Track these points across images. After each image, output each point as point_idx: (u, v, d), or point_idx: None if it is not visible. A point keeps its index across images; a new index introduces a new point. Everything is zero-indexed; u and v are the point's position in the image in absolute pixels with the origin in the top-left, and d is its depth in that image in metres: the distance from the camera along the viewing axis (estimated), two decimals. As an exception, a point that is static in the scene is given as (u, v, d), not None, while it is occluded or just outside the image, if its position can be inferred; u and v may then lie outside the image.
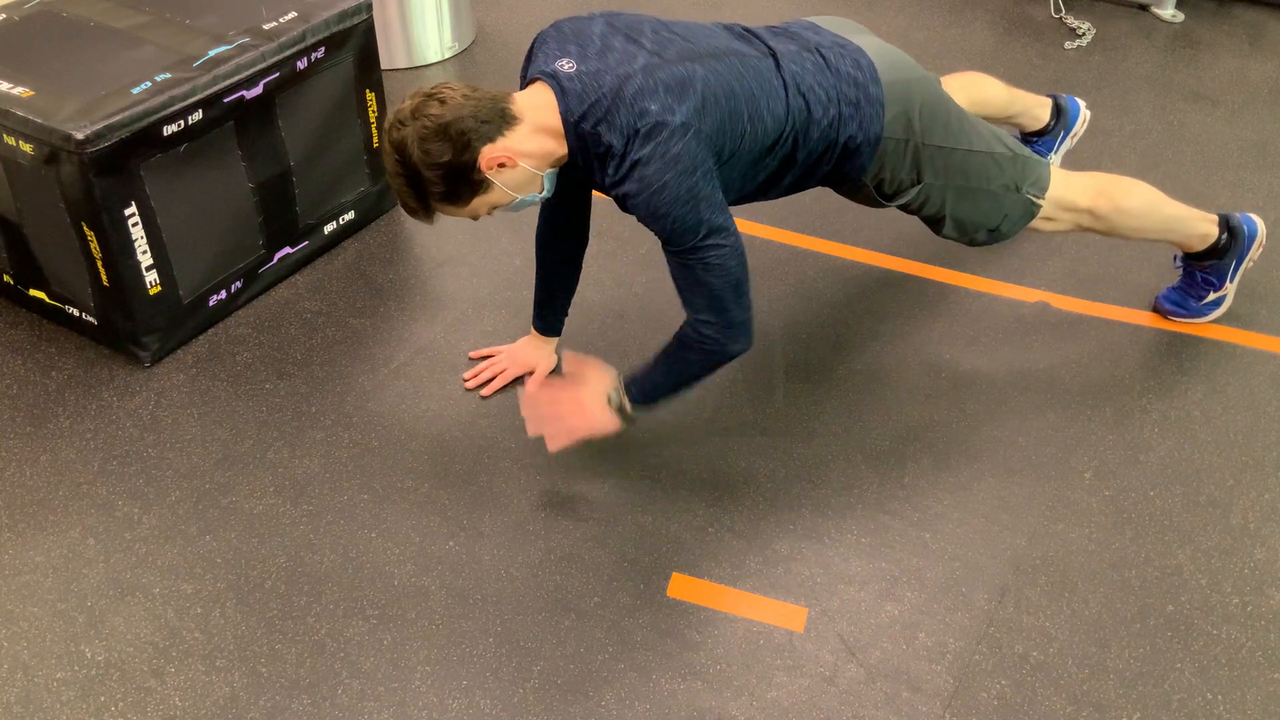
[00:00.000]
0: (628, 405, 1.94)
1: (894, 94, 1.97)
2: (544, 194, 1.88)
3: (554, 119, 1.79)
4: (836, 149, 1.97)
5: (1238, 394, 2.29)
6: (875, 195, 2.08)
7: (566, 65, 1.80)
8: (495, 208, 1.85)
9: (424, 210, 1.82)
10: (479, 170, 1.76)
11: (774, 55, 1.91)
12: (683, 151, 1.73)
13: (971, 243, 2.20)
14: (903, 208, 2.12)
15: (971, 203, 2.11)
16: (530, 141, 1.79)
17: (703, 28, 1.94)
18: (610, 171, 1.78)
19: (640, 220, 1.79)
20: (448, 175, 1.75)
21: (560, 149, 1.82)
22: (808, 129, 1.92)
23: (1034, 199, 2.13)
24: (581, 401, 1.94)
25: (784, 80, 1.88)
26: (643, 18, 1.91)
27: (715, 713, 1.73)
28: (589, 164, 1.83)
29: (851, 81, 1.94)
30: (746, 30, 1.98)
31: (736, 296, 1.83)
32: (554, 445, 1.96)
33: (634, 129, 1.73)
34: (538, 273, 2.21)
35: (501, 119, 1.77)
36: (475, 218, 1.86)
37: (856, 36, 2.04)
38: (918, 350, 2.40)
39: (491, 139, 1.75)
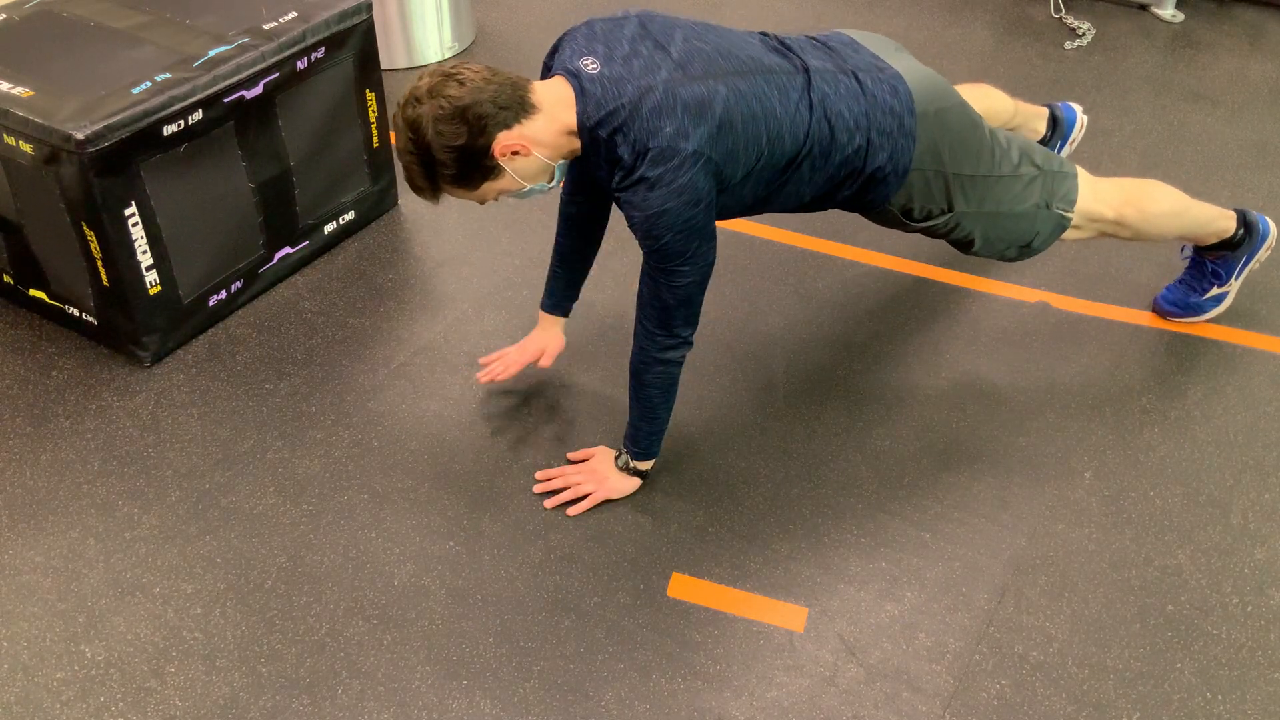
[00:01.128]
0: (633, 462, 2.05)
1: (926, 125, 1.94)
2: (554, 184, 1.87)
3: (571, 117, 1.78)
4: (861, 177, 1.94)
5: (1238, 394, 2.29)
6: (901, 220, 2.06)
7: (590, 65, 1.78)
8: (504, 194, 1.85)
9: (431, 190, 1.81)
10: (492, 156, 1.75)
11: (807, 71, 1.88)
12: (690, 182, 1.73)
13: (1003, 258, 2.20)
14: (928, 232, 2.10)
15: (1003, 225, 2.10)
16: (546, 133, 1.78)
17: (736, 37, 1.90)
18: (617, 179, 1.77)
19: (631, 229, 1.79)
20: (460, 158, 1.74)
21: (574, 144, 1.82)
22: (828, 154, 1.89)
23: (1064, 213, 2.11)
24: (596, 471, 2.07)
25: (811, 101, 1.85)
26: (676, 22, 1.87)
27: (715, 713, 1.73)
28: (598, 165, 1.82)
29: (888, 110, 1.91)
30: (781, 42, 1.95)
31: (685, 310, 1.87)
32: (576, 510, 2.06)
33: (645, 147, 1.72)
34: (555, 245, 2.18)
35: (520, 107, 1.75)
36: (482, 201, 1.86)
37: (894, 58, 2.00)
38: (918, 350, 2.40)
39: (508, 126, 1.74)
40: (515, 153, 1.76)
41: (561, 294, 2.23)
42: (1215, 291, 2.41)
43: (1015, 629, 1.85)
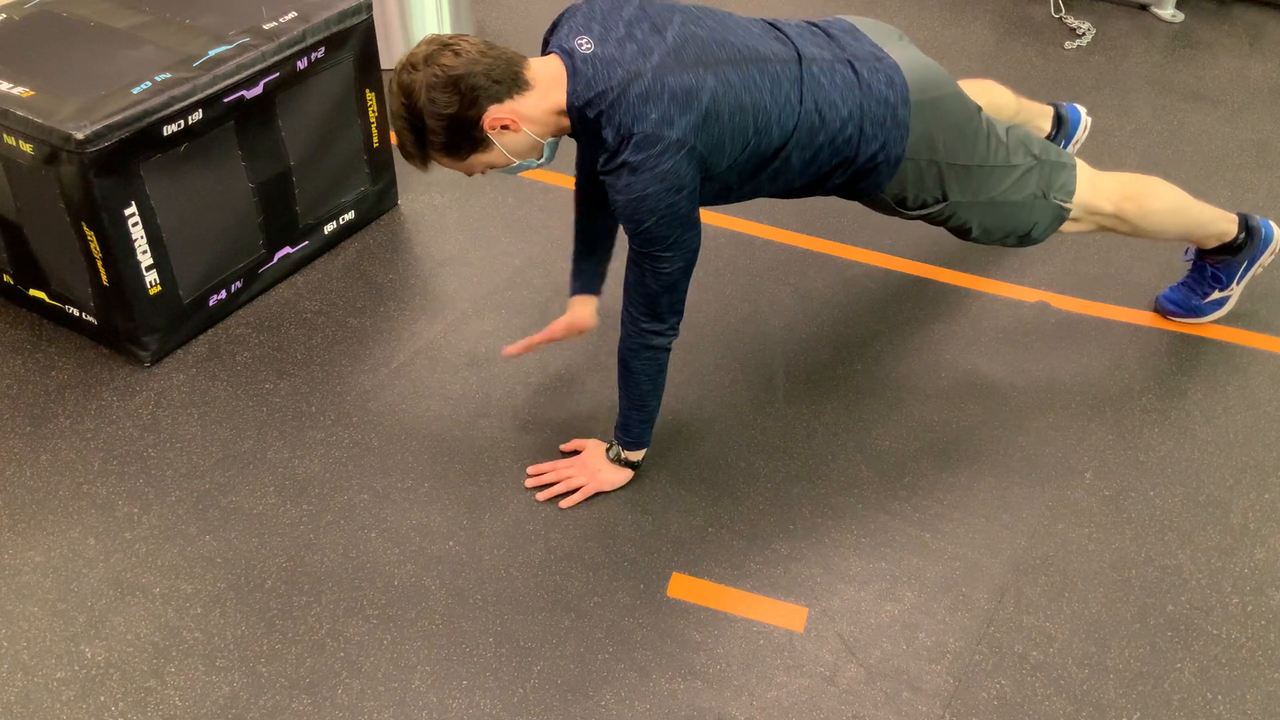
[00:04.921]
0: (624, 453, 2.06)
1: (921, 115, 1.94)
2: (543, 161, 1.89)
3: (561, 96, 1.80)
4: (853, 166, 1.95)
5: (1238, 394, 2.29)
6: (895, 208, 2.07)
7: (585, 45, 1.80)
8: (492, 168, 1.87)
9: (420, 157, 1.84)
10: (482, 128, 1.77)
11: (801, 61, 1.88)
12: (672, 169, 1.74)
13: (1003, 245, 2.20)
14: (926, 219, 2.10)
15: (1000, 214, 2.10)
16: (537, 110, 1.80)
17: (735, 22, 1.91)
18: (601, 161, 1.80)
19: (615, 214, 1.81)
20: (450, 127, 1.76)
21: (564, 122, 1.84)
22: (818, 144, 1.90)
23: (1062, 204, 2.11)
24: (587, 465, 2.09)
25: (802, 92, 1.86)
26: (676, 5, 1.89)
27: (715, 713, 1.73)
28: (588, 144, 1.84)
29: (882, 101, 1.91)
30: (781, 28, 1.95)
31: (670, 297, 1.87)
32: (569, 502, 2.06)
33: (629, 131, 1.73)
34: (577, 226, 2.15)
35: (513, 82, 1.78)
36: (470, 174, 1.88)
37: (893, 46, 2.00)
38: (918, 350, 2.40)
39: (500, 100, 1.76)
40: (505, 127, 1.79)
41: (592, 271, 2.21)
42: (1216, 295, 2.40)
43: (1015, 629, 1.85)
